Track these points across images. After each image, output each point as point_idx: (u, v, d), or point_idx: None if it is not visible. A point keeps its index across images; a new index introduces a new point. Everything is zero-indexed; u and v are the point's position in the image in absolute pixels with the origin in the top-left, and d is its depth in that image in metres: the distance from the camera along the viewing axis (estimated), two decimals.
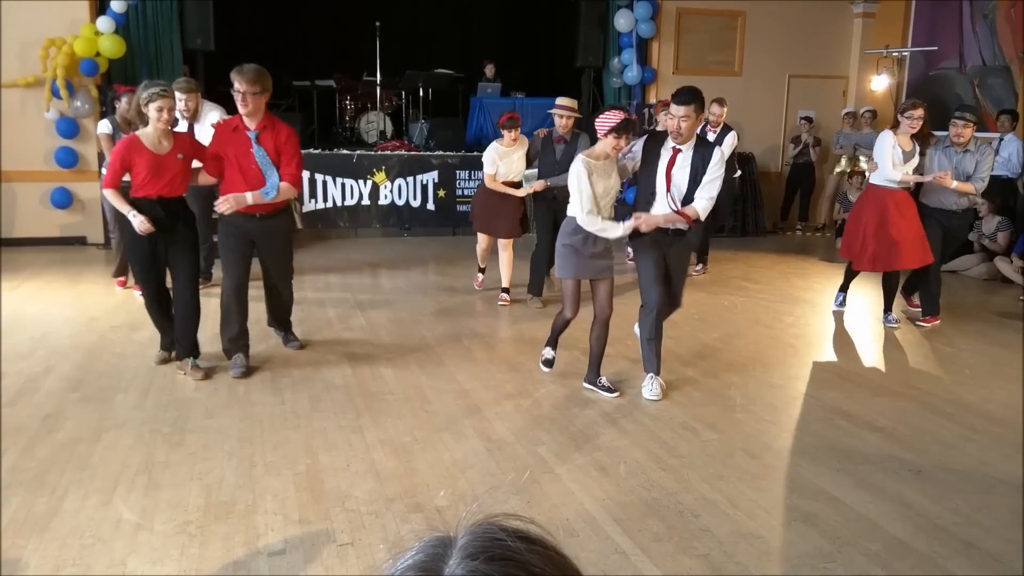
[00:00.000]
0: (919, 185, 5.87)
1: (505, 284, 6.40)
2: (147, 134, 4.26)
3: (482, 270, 6.86)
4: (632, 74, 10.24)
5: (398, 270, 7.73)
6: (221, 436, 3.76)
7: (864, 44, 10.97)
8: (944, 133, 5.89)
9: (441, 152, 9.57)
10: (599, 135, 4.15)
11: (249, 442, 3.70)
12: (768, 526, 3.05)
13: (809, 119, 10.50)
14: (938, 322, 5.98)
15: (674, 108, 4.07)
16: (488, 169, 6.15)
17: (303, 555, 2.81)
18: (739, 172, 7.73)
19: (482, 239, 6.54)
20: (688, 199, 4.17)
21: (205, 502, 3.15)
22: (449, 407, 4.20)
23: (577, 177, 4.13)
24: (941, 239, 5.83)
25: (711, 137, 6.97)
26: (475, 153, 9.74)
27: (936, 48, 10.09)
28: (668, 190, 4.18)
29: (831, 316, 6.35)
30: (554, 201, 5.92)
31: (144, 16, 8.81)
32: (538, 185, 6.01)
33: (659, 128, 6.78)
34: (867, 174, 6.07)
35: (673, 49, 10.53)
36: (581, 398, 4.35)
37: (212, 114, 5.73)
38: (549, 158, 6.05)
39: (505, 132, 6.14)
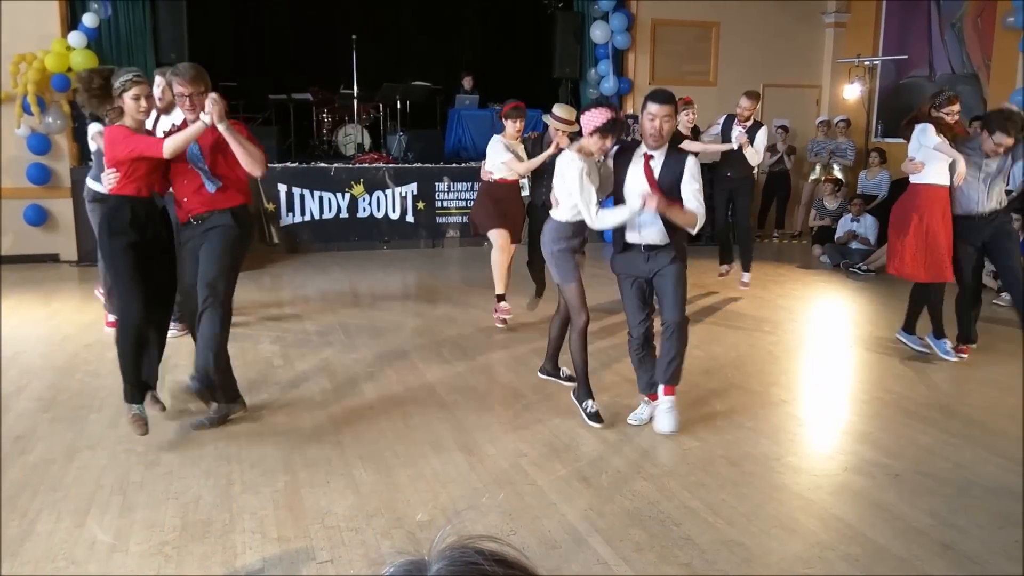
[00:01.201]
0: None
1: (500, 290, 5.85)
2: (127, 125, 3.77)
3: (501, 296, 5.77)
4: (609, 85, 10.32)
5: (377, 283, 7.70)
6: (197, 455, 3.71)
7: (836, 53, 11.15)
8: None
9: (420, 164, 9.57)
10: (584, 132, 3.94)
11: (226, 460, 3.66)
12: (749, 533, 3.06)
13: (785, 128, 10.62)
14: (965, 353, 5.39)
15: (656, 108, 3.80)
16: (502, 157, 5.59)
17: (282, 573, 2.77)
18: (756, 172, 7.45)
19: (501, 240, 5.70)
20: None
21: (181, 522, 3.10)
22: (430, 421, 4.18)
23: (579, 175, 3.86)
24: (971, 265, 5.25)
25: (735, 133, 6.84)
26: (453, 165, 9.76)
27: (906, 57, 10.27)
28: (656, 191, 3.85)
29: (809, 323, 6.40)
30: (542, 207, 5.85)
31: (117, 30, 8.75)
32: (536, 161, 5.55)
33: (679, 128, 6.72)
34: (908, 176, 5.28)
35: (649, 60, 10.62)
36: (563, 409, 4.34)
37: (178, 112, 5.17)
38: (541, 166, 5.76)
39: (509, 122, 5.68)
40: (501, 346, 5.56)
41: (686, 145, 6.55)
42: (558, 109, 5.59)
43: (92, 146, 5.20)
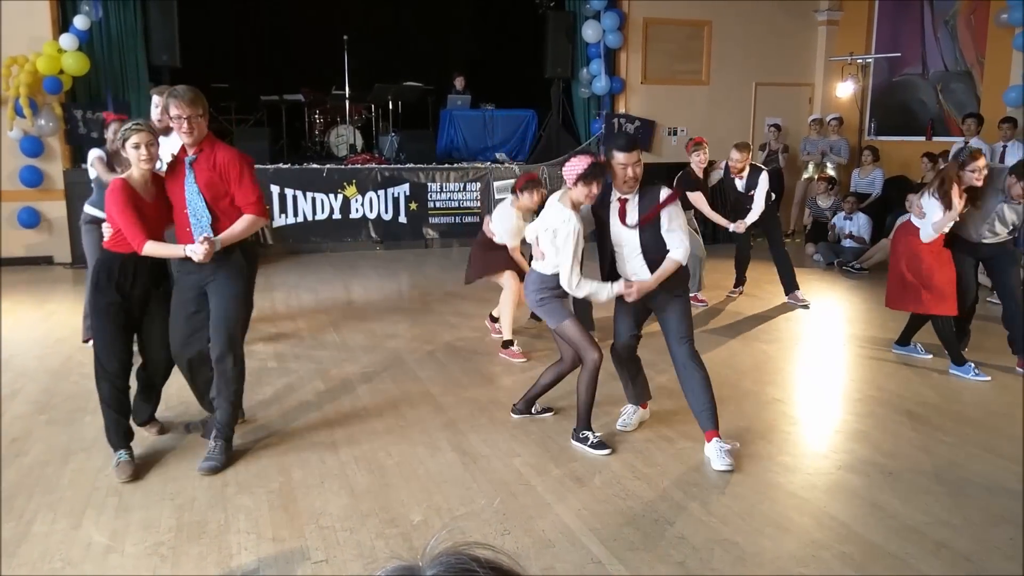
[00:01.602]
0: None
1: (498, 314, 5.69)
2: (133, 178, 3.58)
3: (511, 342, 5.39)
4: (601, 84, 10.33)
5: (370, 284, 7.69)
6: (192, 456, 3.71)
7: (829, 51, 11.18)
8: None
9: (412, 165, 9.57)
10: (568, 183, 3.75)
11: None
12: (743, 532, 3.07)
13: (777, 126, 10.65)
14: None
15: (623, 156, 3.68)
16: (511, 241, 5.30)
17: (277, 574, 2.77)
18: (773, 197, 7.31)
19: (509, 281, 5.36)
20: (648, 252, 3.79)
21: (177, 523, 3.10)
22: (424, 421, 4.18)
23: (573, 234, 3.70)
24: (971, 271, 5.25)
25: (739, 183, 6.78)
26: (445, 166, 9.77)
27: (899, 54, 10.31)
28: (639, 233, 3.79)
29: (802, 321, 6.42)
30: None
31: (108, 32, 8.73)
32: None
33: (692, 166, 6.61)
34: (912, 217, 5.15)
35: (641, 59, 10.63)
36: (556, 409, 4.35)
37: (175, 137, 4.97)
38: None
39: (526, 195, 5.23)
40: (495, 347, 5.56)
41: (696, 202, 6.55)
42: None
43: (91, 173, 5.08)
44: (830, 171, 10.17)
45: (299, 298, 7.02)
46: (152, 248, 3.51)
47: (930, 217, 5.04)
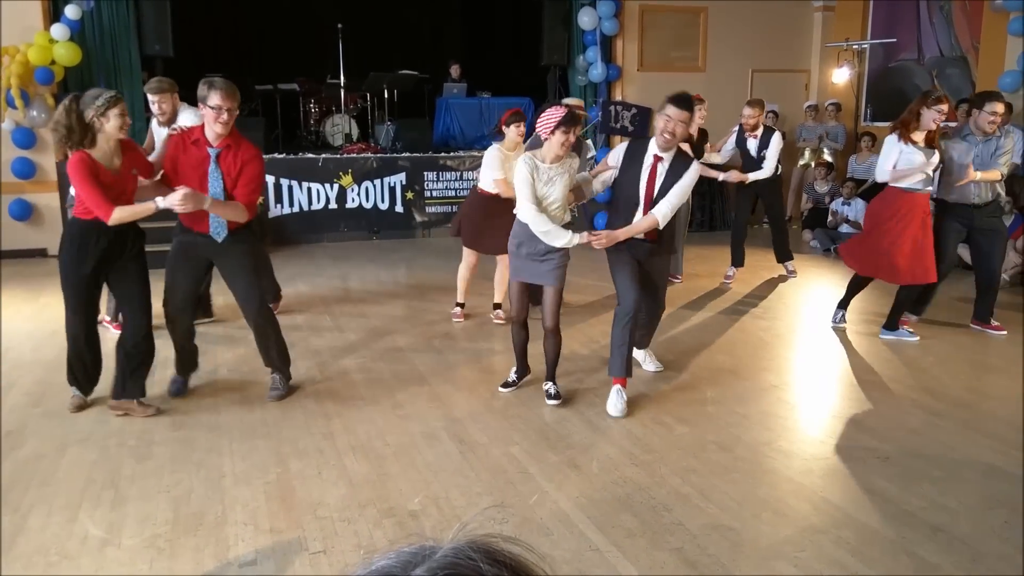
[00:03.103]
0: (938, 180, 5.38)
1: (498, 299, 5.86)
2: (101, 150, 3.73)
3: (461, 304, 5.92)
4: (597, 72, 10.28)
5: (367, 274, 7.67)
6: (189, 447, 3.70)
7: (824, 38, 11.13)
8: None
9: (408, 153, 9.54)
10: (543, 136, 3.95)
11: (217, 452, 3.65)
12: (740, 518, 3.07)
13: (774, 113, 10.61)
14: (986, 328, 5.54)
15: (674, 111, 3.91)
16: (496, 174, 5.40)
17: (275, 565, 2.77)
18: (780, 170, 7.29)
19: (469, 258, 5.79)
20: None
21: (174, 515, 3.10)
22: (421, 411, 4.18)
23: (521, 178, 3.97)
24: (956, 242, 5.42)
25: (752, 144, 6.80)
26: (442, 154, 9.73)
27: (895, 40, 10.26)
28: (648, 202, 4.04)
29: (798, 307, 6.43)
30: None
31: (100, 22, 8.65)
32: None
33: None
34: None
35: (637, 46, 10.58)
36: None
37: (185, 115, 5.07)
38: None
39: (512, 128, 5.43)
40: (491, 336, 5.56)
41: (705, 171, 6.49)
42: (568, 100, 5.91)
43: None
44: (827, 157, 10.15)
45: (295, 288, 7.00)
46: (120, 214, 3.70)
47: (886, 153, 5.14)
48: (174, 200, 3.65)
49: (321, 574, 2.71)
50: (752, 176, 6.83)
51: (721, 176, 6.90)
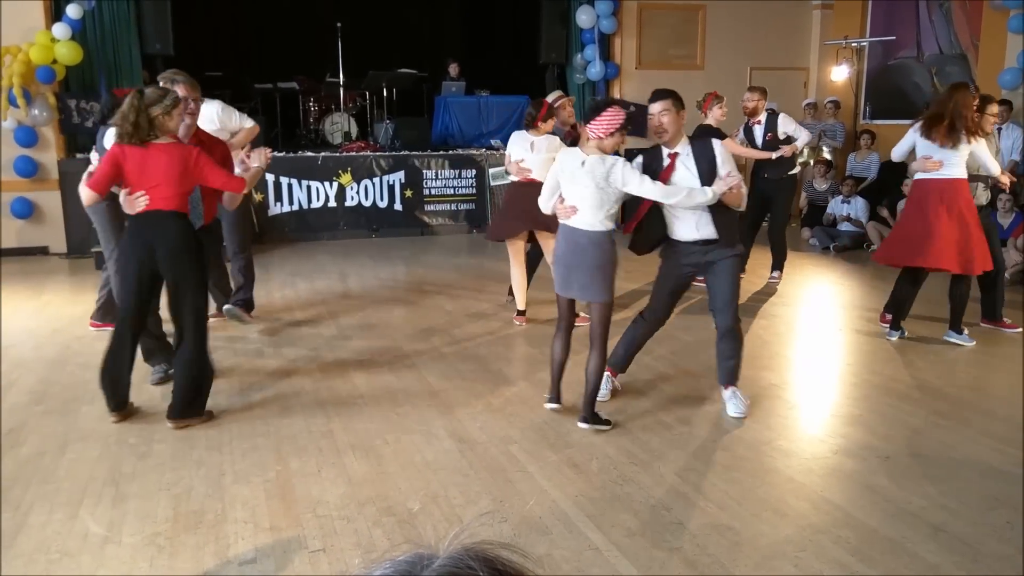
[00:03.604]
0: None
1: (522, 306, 5.75)
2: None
3: (522, 312, 5.73)
4: (595, 70, 10.28)
5: (366, 272, 7.68)
6: (189, 445, 3.71)
7: (823, 35, 11.12)
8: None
9: (407, 152, 9.54)
10: (599, 135, 3.74)
11: (218, 450, 3.66)
12: (740, 517, 3.08)
13: (773, 111, 10.60)
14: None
15: (653, 107, 3.90)
16: (515, 155, 5.52)
17: (274, 563, 2.78)
18: (798, 169, 7.23)
19: (516, 252, 5.63)
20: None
21: (174, 512, 3.10)
22: (420, 409, 4.18)
23: (633, 170, 3.75)
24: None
25: (758, 131, 6.78)
26: (441, 153, 9.73)
27: (894, 38, 10.26)
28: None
29: (798, 306, 6.43)
30: None
31: (101, 21, 8.65)
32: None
33: (709, 122, 6.49)
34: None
35: (635, 44, 10.58)
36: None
37: (208, 108, 5.09)
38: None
39: (549, 122, 5.49)
40: (491, 334, 5.56)
41: (732, 149, 6.48)
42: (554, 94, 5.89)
43: (94, 158, 5.02)
44: (827, 155, 10.15)
45: (295, 286, 7.00)
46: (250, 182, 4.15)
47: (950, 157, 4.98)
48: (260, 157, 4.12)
49: (320, 573, 2.72)
50: (801, 143, 6.84)
51: (774, 154, 6.81)
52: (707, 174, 3.89)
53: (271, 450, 3.67)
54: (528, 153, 5.50)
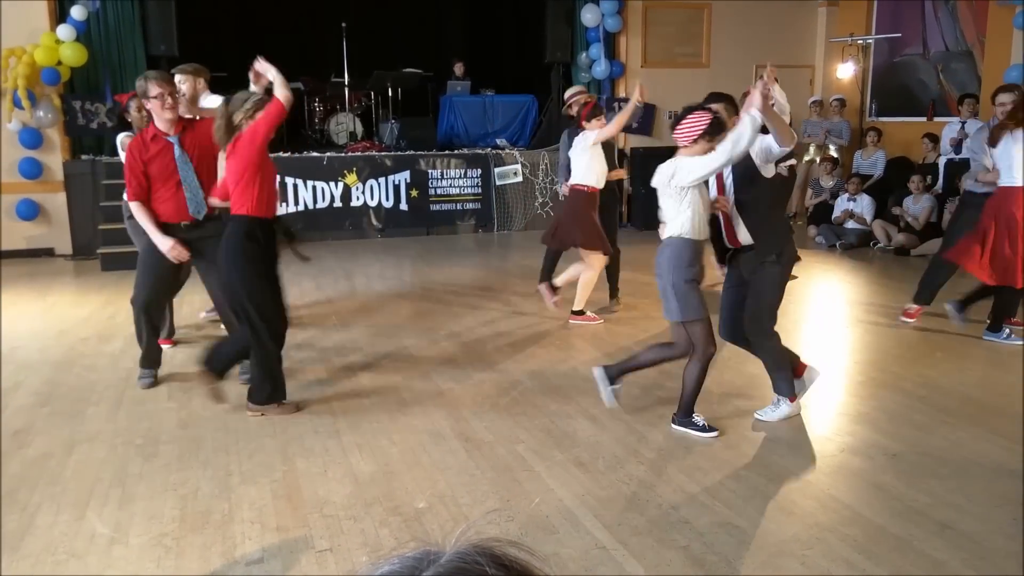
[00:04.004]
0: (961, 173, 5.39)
1: (580, 305, 5.79)
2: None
3: (581, 311, 5.78)
4: (600, 68, 10.27)
5: (372, 272, 7.68)
6: (195, 446, 3.72)
7: (829, 33, 11.09)
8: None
9: (412, 152, 9.55)
10: (684, 143, 3.62)
11: (224, 451, 3.66)
12: (746, 515, 3.07)
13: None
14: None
15: (714, 106, 3.79)
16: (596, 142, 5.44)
17: (281, 563, 2.78)
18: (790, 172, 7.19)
19: (597, 264, 5.63)
20: (740, 201, 3.82)
21: (181, 513, 3.11)
22: (427, 409, 4.18)
23: (706, 162, 3.55)
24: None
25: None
26: (446, 152, 9.73)
27: (900, 35, 10.22)
28: (721, 188, 3.88)
29: (804, 303, 6.41)
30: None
31: (105, 23, 8.69)
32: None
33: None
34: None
35: (641, 42, 10.57)
36: (560, 395, 4.35)
37: (210, 99, 5.14)
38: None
39: (594, 120, 5.47)
40: (497, 333, 5.56)
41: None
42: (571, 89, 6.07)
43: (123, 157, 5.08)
44: (832, 152, 10.12)
45: (300, 286, 7.00)
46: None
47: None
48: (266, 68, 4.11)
49: (327, 572, 2.72)
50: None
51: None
52: (741, 164, 3.71)
53: (277, 451, 3.67)
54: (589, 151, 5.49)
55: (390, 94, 10.46)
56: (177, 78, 4.91)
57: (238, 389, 4.38)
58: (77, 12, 8.30)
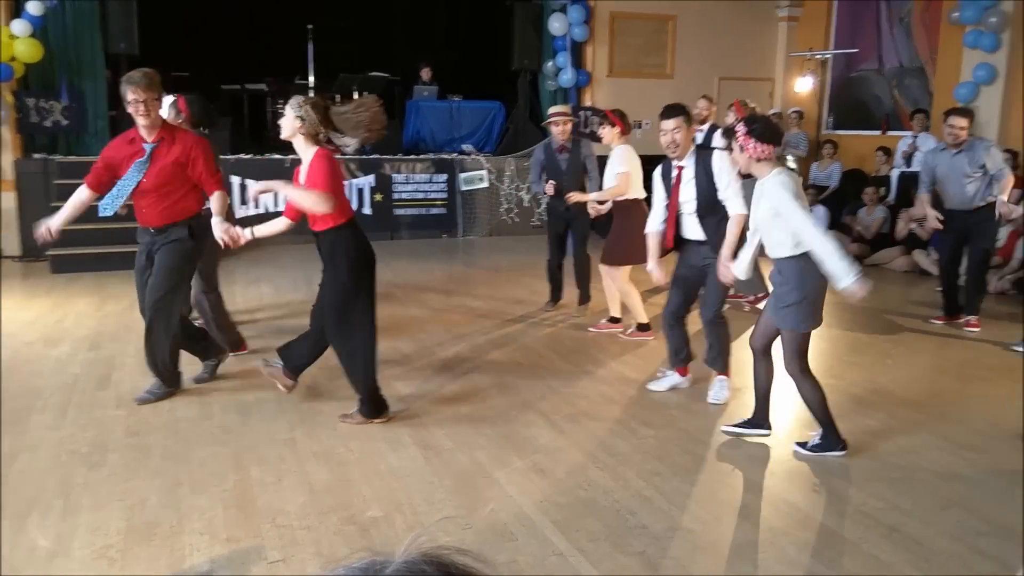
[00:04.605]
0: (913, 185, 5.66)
1: (617, 312, 5.78)
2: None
3: (633, 324, 5.64)
4: (567, 77, 10.32)
5: None
6: (144, 455, 3.62)
7: (789, 47, 11.30)
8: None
9: (378, 156, 9.48)
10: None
11: (174, 460, 3.57)
12: (702, 520, 3.08)
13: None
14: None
15: (666, 123, 4.16)
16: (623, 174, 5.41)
17: (230, 574, 2.72)
18: None
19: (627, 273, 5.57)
20: (701, 209, 4.16)
21: (127, 524, 3.02)
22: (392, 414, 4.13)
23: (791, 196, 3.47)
24: (958, 243, 5.89)
25: (698, 137, 6.77)
26: (411, 157, 9.69)
27: (857, 50, 10.45)
28: (673, 209, 4.26)
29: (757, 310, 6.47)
30: (567, 213, 5.94)
31: (63, 19, 8.48)
32: (593, 196, 5.67)
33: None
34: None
35: (607, 52, 10.65)
36: (520, 401, 4.33)
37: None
38: (554, 169, 5.98)
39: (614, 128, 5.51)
40: (458, 340, 5.53)
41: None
42: (553, 108, 6.09)
43: None
44: (791, 163, 10.29)
45: (259, 291, 6.91)
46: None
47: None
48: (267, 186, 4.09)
49: None
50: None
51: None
52: (699, 187, 4.14)
53: (230, 459, 3.60)
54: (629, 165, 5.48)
55: (356, 97, 10.37)
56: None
57: (183, 400, 4.29)
58: (33, 7, 8.09)
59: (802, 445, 3.72)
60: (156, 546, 2.87)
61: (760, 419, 3.90)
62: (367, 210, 9.34)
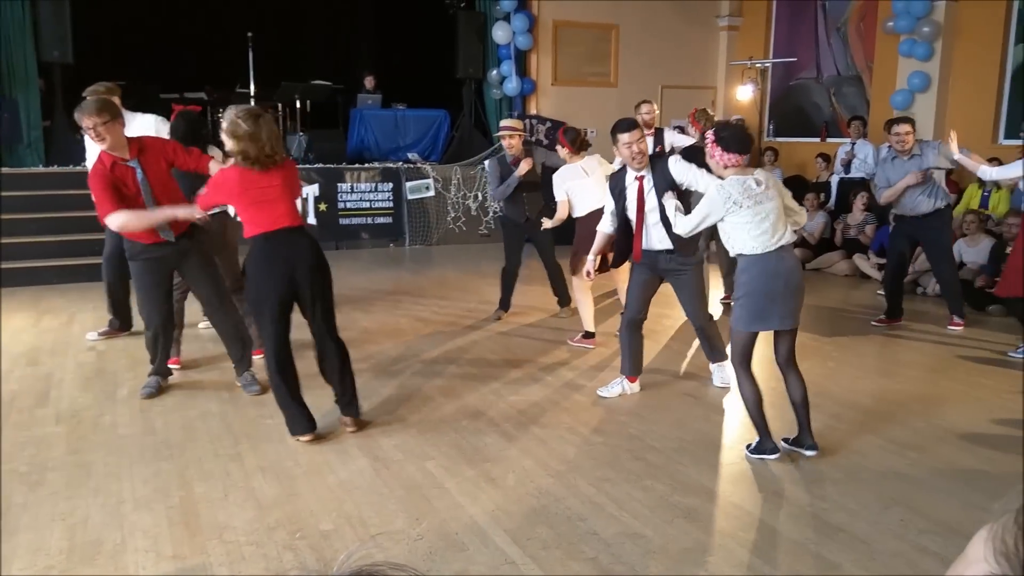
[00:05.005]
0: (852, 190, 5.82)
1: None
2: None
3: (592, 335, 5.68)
4: (512, 85, 10.38)
5: None
6: (85, 472, 3.52)
7: (730, 56, 11.57)
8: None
9: (321, 164, 9.39)
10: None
11: (117, 477, 3.48)
12: (652, 524, 3.13)
13: (682, 128, 10.92)
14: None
15: (626, 136, 4.18)
16: (561, 196, 5.58)
17: None
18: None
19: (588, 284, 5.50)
20: (665, 218, 4.15)
21: (69, 544, 2.93)
22: (333, 427, 4.09)
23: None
24: (908, 248, 6.14)
25: (648, 141, 6.90)
26: (356, 166, 9.62)
27: (795, 59, 10.75)
28: (640, 218, 4.30)
29: None
30: (526, 224, 5.98)
31: None
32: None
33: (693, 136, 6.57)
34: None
35: (551, 61, 10.75)
36: (471, 410, 4.34)
37: (144, 121, 5.33)
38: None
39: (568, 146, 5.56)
40: (406, 350, 5.50)
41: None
42: (504, 122, 6.13)
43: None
44: None
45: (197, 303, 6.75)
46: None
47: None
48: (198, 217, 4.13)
49: None
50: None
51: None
52: (664, 192, 4.15)
53: (175, 475, 3.52)
54: (585, 178, 5.54)
55: (298, 106, 10.27)
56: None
57: (125, 416, 4.18)
58: None
59: (749, 447, 3.81)
60: (100, 565, 2.79)
61: (803, 437, 3.78)
62: (311, 219, 9.24)
